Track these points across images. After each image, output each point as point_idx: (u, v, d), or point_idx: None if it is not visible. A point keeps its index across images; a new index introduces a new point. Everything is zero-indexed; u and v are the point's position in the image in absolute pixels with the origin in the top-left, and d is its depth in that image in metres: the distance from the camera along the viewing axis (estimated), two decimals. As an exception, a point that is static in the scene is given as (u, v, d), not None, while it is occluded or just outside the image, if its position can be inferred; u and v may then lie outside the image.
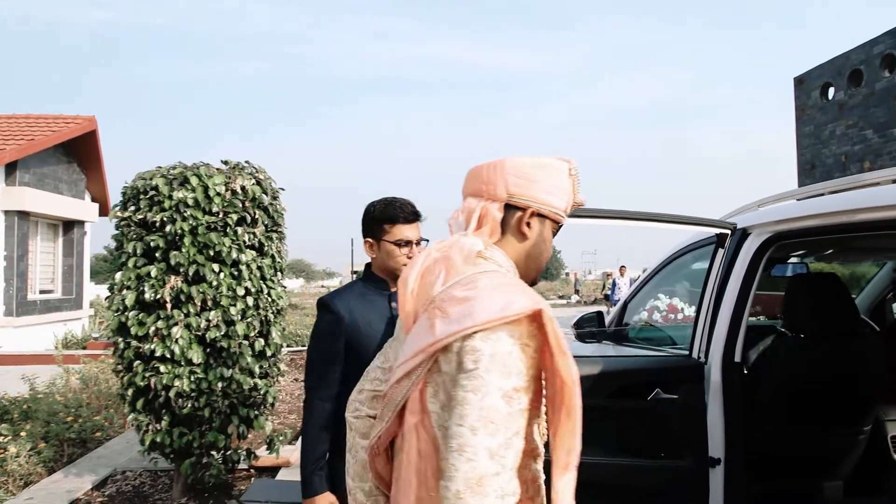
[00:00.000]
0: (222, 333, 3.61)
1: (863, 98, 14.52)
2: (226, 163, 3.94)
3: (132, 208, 3.70)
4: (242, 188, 3.74)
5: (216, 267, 3.61)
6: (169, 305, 3.56)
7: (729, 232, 2.31)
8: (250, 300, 3.71)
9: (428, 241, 2.25)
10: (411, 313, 1.19)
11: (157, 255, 3.61)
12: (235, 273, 3.69)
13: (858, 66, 14.58)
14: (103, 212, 14.49)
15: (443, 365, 1.08)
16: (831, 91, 15.79)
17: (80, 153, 13.91)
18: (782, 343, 2.56)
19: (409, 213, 2.19)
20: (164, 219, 3.58)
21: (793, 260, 3.49)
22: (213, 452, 3.87)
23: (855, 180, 2.26)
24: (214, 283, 3.61)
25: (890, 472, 2.60)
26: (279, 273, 3.97)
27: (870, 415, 2.47)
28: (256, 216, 3.78)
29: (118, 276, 3.66)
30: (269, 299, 3.84)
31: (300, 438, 2.17)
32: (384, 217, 2.18)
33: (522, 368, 1.04)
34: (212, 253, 3.62)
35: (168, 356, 3.52)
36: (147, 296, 3.55)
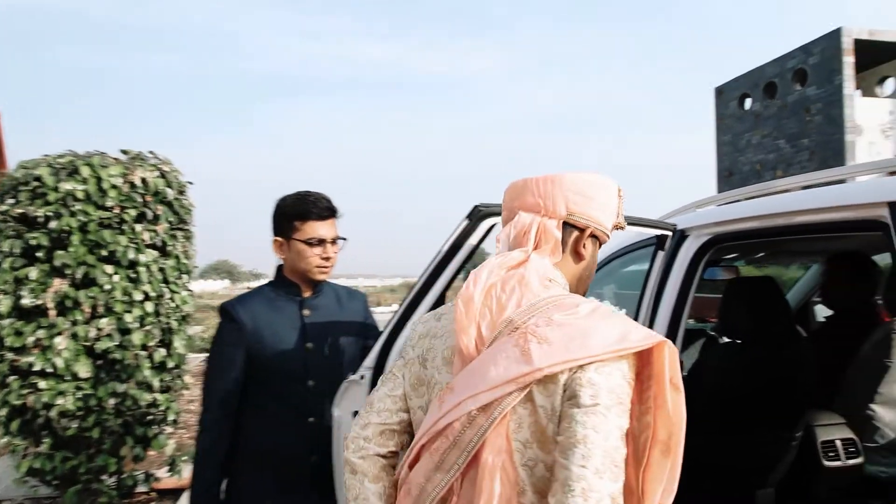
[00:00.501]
0: (116, 343, 3.22)
1: (777, 109, 15.34)
2: (125, 152, 3.54)
3: (10, 201, 3.25)
4: (143, 181, 3.37)
5: (109, 269, 3.22)
6: (52, 312, 3.14)
7: (669, 233, 2.20)
8: (150, 306, 3.34)
9: (346, 239, 2.03)
10: (473, 336, 1.05)
11: (38, 255, 3.18)
12: (133, 275, 3.31)
13: (773, 78, 15.40)
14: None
15: (538, 397, 0.97)
16: (748, 102, 16.61)
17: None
18: (716, 348, 2.49)
19: (323, 209, 1.96)
20: (49, 214, 3.16)
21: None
22: (104, 477, 3.46)
23: (766, 187, 2.22)
24: (107, 287, 3.21)
25: (819, 479, 2.58)
26: (185, 275, 3.61)
27: (801, 421, 2.43)
28: (159, 212, 3.41)
29: (-9, 278, 3.20)
30: (173, 305, 3.48)
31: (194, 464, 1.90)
32: (295, 213, 1.94)
33: (629, 405, 0.98)
34: (105, 253, 3.23)
35: (50, 370, 3.10)
36: (26, 301, 3.12)
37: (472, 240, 1.74)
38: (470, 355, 1.04)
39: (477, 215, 1.74)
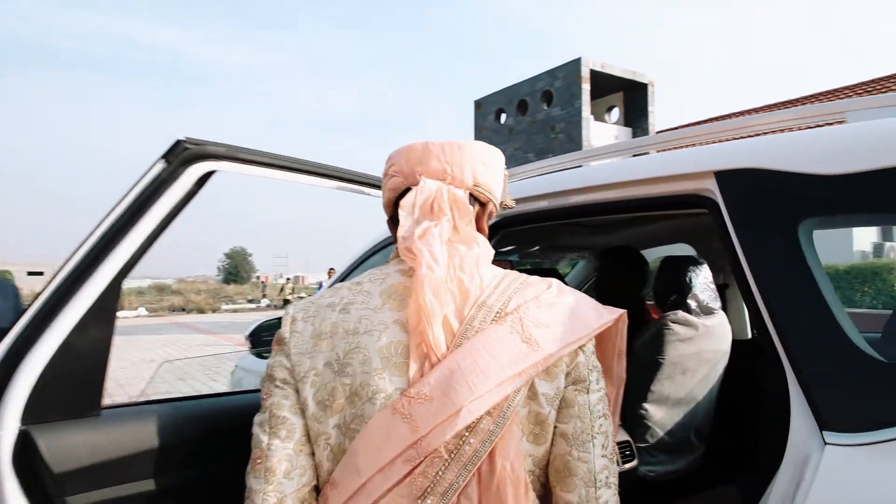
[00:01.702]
0: None
1: (527, 125, 16.83)
2: None
3: None
4: None
5: None
6: None
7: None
8: None
9: None
10: (442, 328, 0.88)
11: None
12: None
13: (525, 97, 16.86)
14: None
15: (540, 385, 0.89)
16: (503, 116, 17.97)
17: None
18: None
19: None
20: None
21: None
22: None
23: (524, 169, 2.08)
24: None
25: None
26: None
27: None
28: None
29: None
30: None
31: None
32: None
33: None
34: None
35: None
36: None
37: (174, 193, 1.09)
38: (441, 353, 0.88)
39: (181, 155, 1.10)
